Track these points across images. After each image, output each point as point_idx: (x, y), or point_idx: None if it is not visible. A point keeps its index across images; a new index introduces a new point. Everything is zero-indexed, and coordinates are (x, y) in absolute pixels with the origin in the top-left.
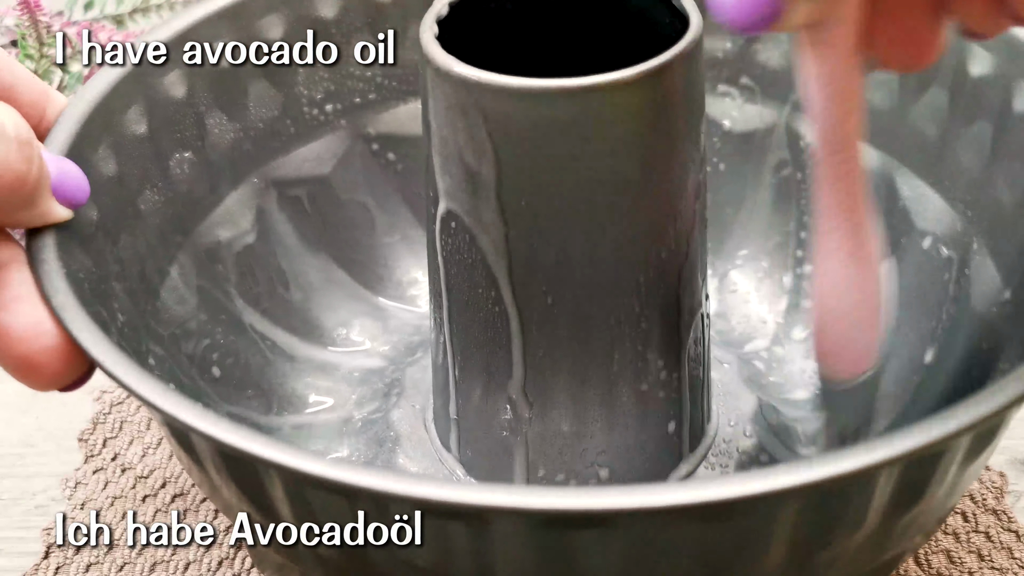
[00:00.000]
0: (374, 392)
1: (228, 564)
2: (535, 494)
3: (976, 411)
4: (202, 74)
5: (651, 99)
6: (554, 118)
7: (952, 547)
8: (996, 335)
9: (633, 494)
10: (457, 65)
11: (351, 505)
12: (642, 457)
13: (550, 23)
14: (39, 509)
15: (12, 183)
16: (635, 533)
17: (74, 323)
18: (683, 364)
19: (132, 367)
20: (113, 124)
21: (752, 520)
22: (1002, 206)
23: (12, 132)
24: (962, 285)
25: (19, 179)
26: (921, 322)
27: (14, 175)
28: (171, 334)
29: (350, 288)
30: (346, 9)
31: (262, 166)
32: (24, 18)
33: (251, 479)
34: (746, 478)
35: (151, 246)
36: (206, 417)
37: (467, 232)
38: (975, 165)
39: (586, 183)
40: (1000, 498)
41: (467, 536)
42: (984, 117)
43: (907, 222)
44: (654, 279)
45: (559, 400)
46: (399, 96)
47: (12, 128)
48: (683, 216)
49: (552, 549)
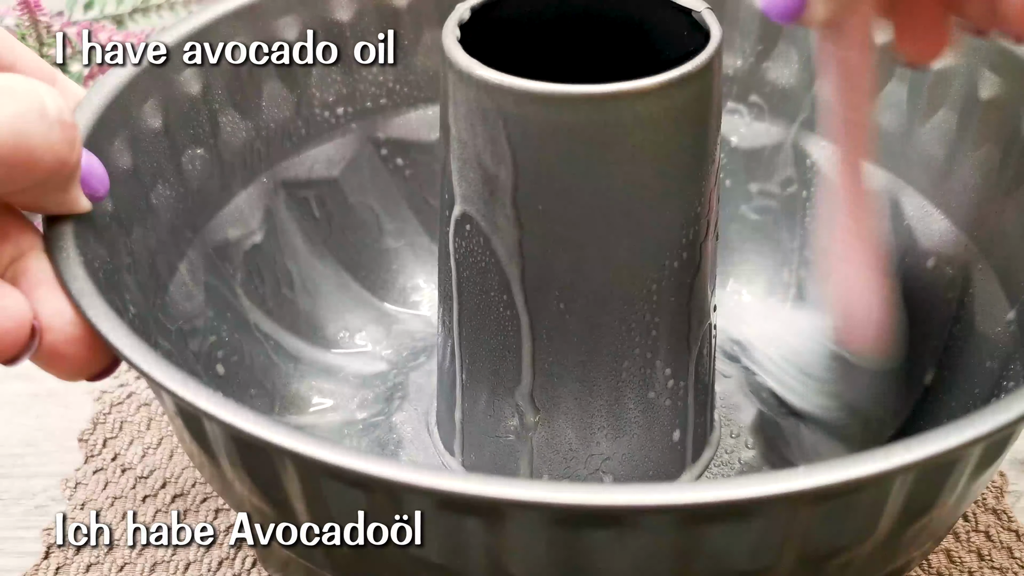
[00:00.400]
0: (377, 395)
1: (228, 564)
2: (554, 489)
3: (993, 421)
4: (217, 72)
5: (671, 109)
6: (574, 124)
7: (952, 547)
8: (1001, 354)
9: (653, 492)
10: (479, 68)
11: (366, 497)
12: (646, 465)
13: (568, 32)
14: (39, 509)
15: (54, 165)
16: (648, 533)
17: (95, 312)
18: (690, 373)
19: (152, 355)
20: (130, 117)
21: (767, 522)
22: (1008, 228)
23: (55, 114)
24: (966, 304)
25: (61, 162)
26: (924, 341)
27: (55, 158)
28: (178, 329)
29: (355, 291)
30: (361, 13)
31: (272, 166)
32: (24, 18)
33: (266, 469)
34: (764, 479)
35: (161, 241)
36: (229, 406)
37: (481, 236)
38: (982, 187)
39: (603, 190)
40: (1000, 498)
41: (481, 531)
42: (992, 140)
43: (912, 242)
44: (666, 288)
45: (566, 407)
46: (410, 102)
47: (55, 111)
48: (697, 226)
49: (566, 547)
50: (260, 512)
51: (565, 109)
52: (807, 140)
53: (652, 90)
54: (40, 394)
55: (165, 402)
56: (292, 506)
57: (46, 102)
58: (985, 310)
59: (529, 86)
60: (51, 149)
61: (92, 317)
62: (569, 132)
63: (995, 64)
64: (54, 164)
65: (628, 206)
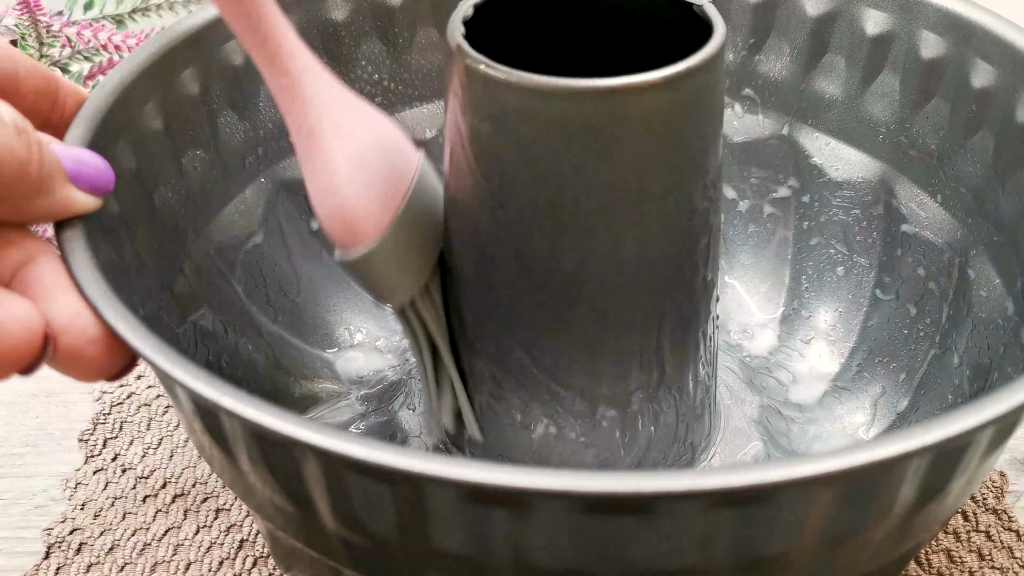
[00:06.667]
0: (379, 393)
1: (229, 564)
2: (582, 477)
3: (1007, 402)
4: (216, 72)
5: (678, 102)
6: (581, 118)
7: (952, 546)
8: (997, 341)
9: (681, 478)
10: (485, 63)
11: (391, 491)
12: (651, 460)
13: (570, 27)
14: (39, 509)
15: (16, 169)
16: (673, 519)
17: (113, 312)
18: (696, 368)
19: (173, 353)
20: (132, 119)
21: (788, 506)
22: (1003, 215)
23: (10, 120)
24: (963, 292)
25: (22, 165)
26: (921, 326)
27: (16, 161)
28: (183, 330)
29: (355, 290)
30: (356, 12)
31: (271, 166)
32: (24, 18)
33: (287, 466)
34: (788, 463)
35: (165, 242)
36: (252, 402)
37: (487, 230)
38: (976, 176)
39: (609, 184)
40: (1000, 498)
41: (506, 522)
42: (986, 128)
43: (907, 231)
44: (672, 280)
45: (571, 403)
46: (405, 101)
47: (10, 117)
48: (703, 218)
49: (590, 534)
50: (282, 512)
51: (571, 103)
52: (801, 133)
53: (659, 83)
54: (40, 394)
55: (182, 402)
56: (314, 503)
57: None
58: (982, 297)
59: (535, 80)
60: (12, 153)
61: (110, 318)
62: (576, 126)
63: (987, 53)
64: (17, 168)
65: (634, 199)
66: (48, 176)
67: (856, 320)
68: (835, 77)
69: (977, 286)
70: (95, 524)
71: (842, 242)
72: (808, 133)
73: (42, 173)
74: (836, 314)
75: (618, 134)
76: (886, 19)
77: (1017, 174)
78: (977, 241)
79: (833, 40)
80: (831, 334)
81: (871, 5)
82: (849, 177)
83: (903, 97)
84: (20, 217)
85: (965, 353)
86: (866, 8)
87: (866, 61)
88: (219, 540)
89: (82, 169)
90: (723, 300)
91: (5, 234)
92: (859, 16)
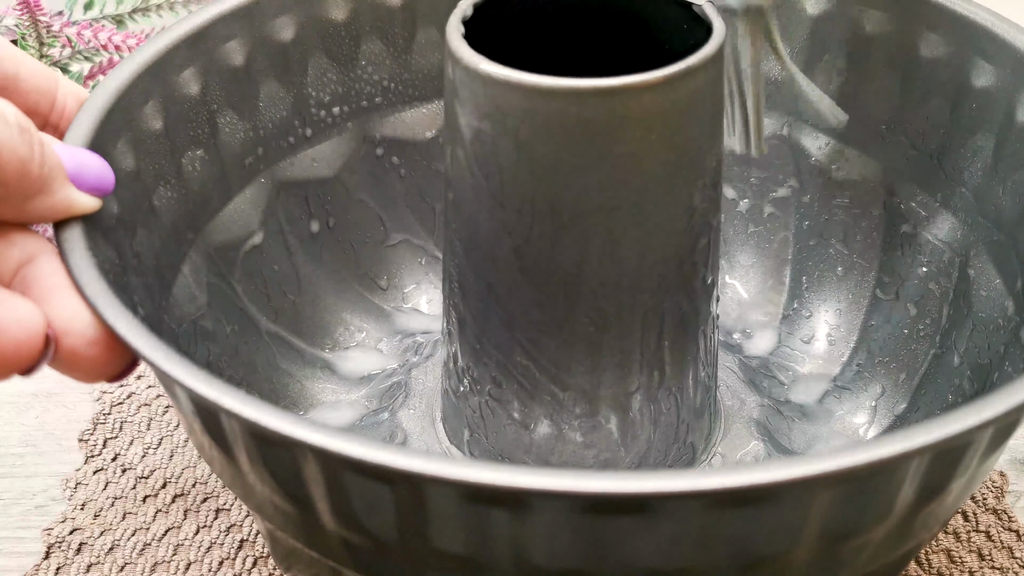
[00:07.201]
0: (380, 393)
1: (229, 564)
2: (582, 477)
3: (1007, 402)
4: (216, 72)
5: (678, 101)
6: (580, 118)
7: (952, 546)
8: (997, 341)
9: (681, 478)
10: (485, 64)
11: (390, 490)
12: (651, 460)
13: (569, 27)
14: (39, 509)
15: (19, 168)
16: (673, 519)
17: (113, 313)
18: (696, 368)
19: (173, 354)
20: (131, 119)
21: (791, 505)
22: (1003, 215)
23: (13, 119)
24: (964, 292)
25: (24, 164)
26: (921, 326)
27: (19, 160)
28: (182, 330)
29: (355, 290)
30: (356, 12)
31: (270, 166)
32: (24, 18)
33: (287, 466)
34: (788, 463)
35: (164, 242)
36: (252, 402)
37: (487, 231)
38: (976, 176)
39: (609, 183)
40: (1000, 498)
41: (507, 522)
42: (986, 128)
43: (907, 231)
44: (672, 278)
45: (571, 403)
46: (405, 101)
47: (13, 116)
48: (703, 217)
49: (590, 535)
50: (282, 512)
51: (571, 103)
52: (800, 133)
53: (659, 83)
54: (40, 394)
55: (181, 402)
56: (314, 503)
57: (4, 109)
58: (983, 296)
59: (535, 80)
60: (14, 152)
61: (109, 318)
62: (576, 126)
63: (987, 52)
64: (19, 167)
65: (634, 198)
66: (49, 176)
67: (856, 320)
68: (835, 77)
69: (977, 286)
70: (95, 524)
71: (842, 242)
72: (808, 133)
73: (44, 173)
74: (836, 314)
75: (618, 134)
76: (886, 19)
77: (1017, 174)
78: (977, 241)
79: (833, 40)
80: (831, 334)
81: (871, 5)
82: (849, 177)
83: (903, 97)
84: (20, 216)
85: (965, 353)
86: (866, 8)
87: (866, 61)
88: (219, 540)
89: (83, 170)
90: (723, 300)
91: (6, 233)
92: (859, 16)
